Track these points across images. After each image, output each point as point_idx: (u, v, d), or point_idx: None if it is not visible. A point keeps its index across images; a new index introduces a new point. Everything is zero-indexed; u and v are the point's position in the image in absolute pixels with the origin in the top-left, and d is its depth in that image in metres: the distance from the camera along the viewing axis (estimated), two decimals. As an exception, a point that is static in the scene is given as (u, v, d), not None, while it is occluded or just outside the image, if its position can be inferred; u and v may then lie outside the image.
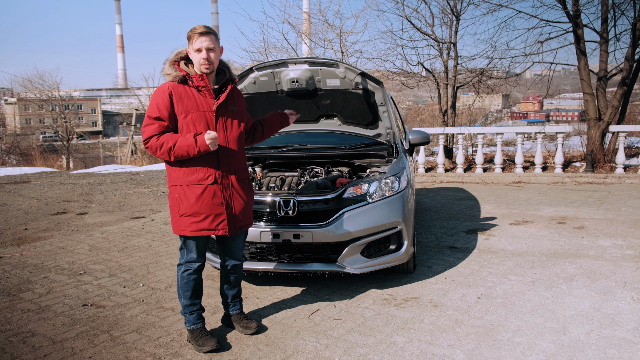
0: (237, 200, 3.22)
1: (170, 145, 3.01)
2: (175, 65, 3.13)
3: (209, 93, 3.11)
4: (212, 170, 3.11)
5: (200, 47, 3.02)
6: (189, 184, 3.11)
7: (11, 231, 6.73)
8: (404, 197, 4.18)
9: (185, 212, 3.12)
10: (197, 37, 3.02)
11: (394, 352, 3.15)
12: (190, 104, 3.08)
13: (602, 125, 10.64)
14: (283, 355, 3.16)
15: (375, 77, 4.39)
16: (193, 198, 3.10)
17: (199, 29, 3.04)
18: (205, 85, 3.09)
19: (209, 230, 3.16)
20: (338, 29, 13.01)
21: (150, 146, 3.06)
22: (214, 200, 3.12)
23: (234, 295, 3.52)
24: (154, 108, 3.06)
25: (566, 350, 3.11)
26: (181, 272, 3.29)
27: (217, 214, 3.14)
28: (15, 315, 3.86)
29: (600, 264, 4.74)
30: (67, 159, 31.71)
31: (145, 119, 3.10)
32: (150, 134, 3.05)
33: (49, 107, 45.39)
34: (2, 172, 14.38)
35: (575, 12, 10.46)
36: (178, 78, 3.11)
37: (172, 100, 3.06)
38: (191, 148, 3.00)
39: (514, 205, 7.73)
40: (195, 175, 3.10)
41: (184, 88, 3.10)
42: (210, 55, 3.04)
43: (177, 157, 3.05)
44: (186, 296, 3.29)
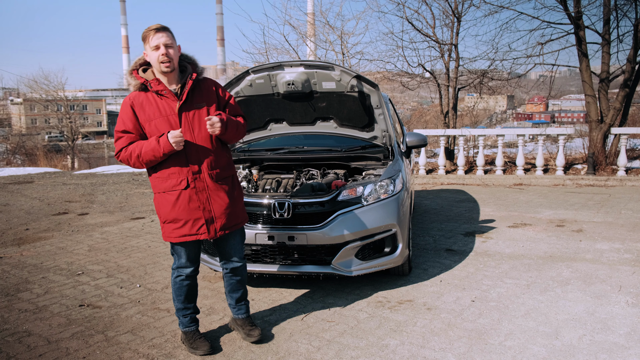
0: (217, 202, 3.12)
1: (138, 153, 2.97)
2: (134, 73, 3.07)
3: (170, 95, 3.02)
4: (184, 174, 3.04)
5: (157, 44, 2.93)
6: (165, 191, 3.08)
7: (12, 231, 6.78)
8: (399, 199, 4.19)
9: (165, 219, 3.11)
10: (153, 34, 2.94)
11: (386, 355, 3.16)
12: (152, 110, 3.02)
13: (604, 128, 10.61)
14: (275, 357, 3.18)
15: (377, 78, 4.42)
16: (169, 205, 3.07)
17: (154, 26, 2.96)
18: (164, 88, 3.00)
19: (190, 236, 3.10)
20: (339, 30, 13.05)
21: (122, 159, 3.05)
22: (190, 205, 3.06)
23: (237, 298, 3.44)
24: (120, 122, 3.05)
25: (557, 355, 3.12)
26: (174, 277, 3.29)
27: (195, 218, 3.08)
28: (12, 315, 3.90)
29: (596, 267, 4.74)
30: (71, 159, 31.88)
31: (115, 134, 3.09)
32: (119, 147, 3.04)
33: (55, 107, 45.65)
34: (6, 172, 14.47)
35: (576, 13, 10.45)
36: (138, 86, 3.05)
37: (134, 111, 3.02)
38: (155, 150, 2.94)
39: (513, 207, 7.72)
40: (168, 181, 3.06)
41: (145, 95, 3.04)
42: (169, 52, 2.95)
43: (147, 163, 3.01)
44: (179, 300, 3.30)
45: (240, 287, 3.44)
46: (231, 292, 3.44)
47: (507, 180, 10.41)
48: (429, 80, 13.53)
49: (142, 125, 3.04)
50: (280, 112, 4.88)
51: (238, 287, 3.43)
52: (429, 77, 13.35)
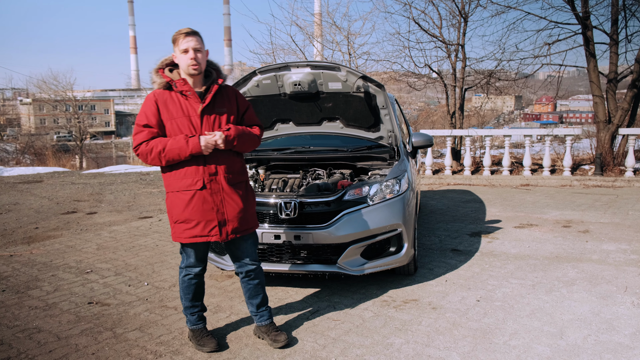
0: (230, 205, 3.14)
1: (160, 149, 3.00)
2: (160, 72, 3.13)
3: (194, 97, 3.07)
4: (200, 175, 3.07)
5: (187, 48, 3.00)
6: (179, 190, 3.10)
7: (22, 230, 6.87)
8: (404, 199, 4.21)
9: (178, 218, 3.12)
10: (182, 38, 3.00)
11: (390, 354, 3.19)
12: (175, 109, 3.07)
13: (612, 128, 10.57)
14: (280, 354, 3.21)
15: (384, 79, 4.45)
16: (183, 205, 3.09)
17: (184, 30, 3.02)
18: (189, 89, 3.05)
19: (202, 237, 3.12)
20: (346, 31, 13.07)
21: (140, 152, 3.06)
22: (204, 206, 3.07)
23: (258, 304, 3.40)
24: (142, 116, 3.08)
25: (562, 354, 3.13)
26: (182, 276, 3.31)
27: (208, 220, 3.09)
28: (22, 312, 3.96)
29: (602, 268, 4.74)
30: (80, 158, 32.15)
31: (134, 128, 3.11)
32: (140, 141, 3.05)
33: (63, 107, 46.04)
34: (15, 171, 14.62)
35: (584, 13, 10.41)
36: (163, 85, 3.10)
37: (158, 107, 3.06)
38: (182, 150, 2.99)
39: (519, 208, 7.71)
40: (183, 181, 3.08)
41: (169, 94, 3.09)
42: (197, 56, 3.02)
43: (168, 161, 3.04)
44: (187, 298, 3.34)
45: (260, 291, 3.41)
46: (251, 298, 3.41)
47: (513, 180, 10.39)
48: (436, 80, 13.53)
49: (163, 122, 3.09)
50: (287, 113, 4.92)
51: (257, 291, 3.40)
52: (436, 77, 13.34)
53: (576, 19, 10.68)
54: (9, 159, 29.62)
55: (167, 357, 3.20)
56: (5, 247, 5.97)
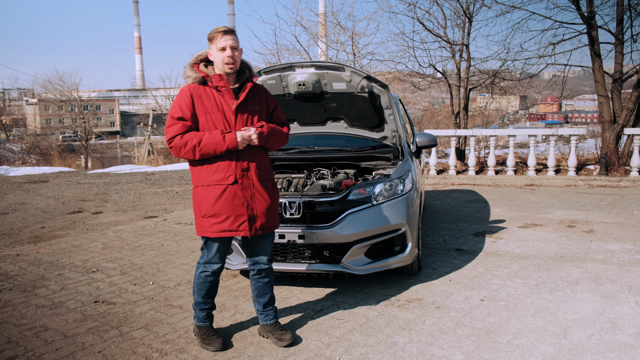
0: (259, 201, 3.19)
1: (195, 143, 3.03)
2: (195, 67, 3.18)
3: (229, 93, 3.12)
4: (232, 170, 3.11)
5: (224, 46, 3.05)
6: (209, 184, 3.12)
7: (29, 229, 6.92)
8: (408, 199, 4.23)
9: (206, 213, 3.14)
10: (220, 36, 3.05)
11: (394, 352, 3.20)
12: (210, 104, 3.11)
13: (617, 128, 10.54)
14: (285, 353, 3.23)
15: (388, 79, 4.46)
16: (213, 199, 3.11)
17: (222, 28, 3.08)
18: (224, 85, 3.11)
19: (230, 232, 3.15)
20: (350, 31, 13.08)
21: (174, 145, 3.08)
22: (234, 201, 3.11)
23: (265, 303, 3.42)
24: (176, 109, 3.11)
25: (565, 354, 3.14)
26: (199, 272, 3.32)
27: (237, 214, 3.13)
28: (29, 310, 4.00)
29: (607, 268, 4.73)
30: (85, 158, 32.30)
31: (168, 120, 3.14)
32: (174, 134, 3.08)
33: (69, 107, 46.22)
34: (22, 171, 14.70)
35: (589, 13, 10.39)
36: (198, 79, 3.15)
37: (193, 101, 3.11)
38: (219, 145, 3.03)
39: (524, 208, 7.71)
40: (215, 175, 3.11)
41: (204, 89, 3.14)
42: (234, 54, 3.07)
43: (202, 155, 3.06)
44: (200, 294, 3.35)
45: (268, 290, 3.44)
46: (259, 296, 3.43)
47: (518, 180, 10.38)
48: (440, 80, 13.52)
49: (197, 116, 3.12)
50: (291, 113, 4.94)
51: (266, 290, 3.43)
52: (440, 77, 13.34)
53: (581, 18, 10.66)
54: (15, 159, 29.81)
55: (173, 355, 3.23)
56: (12, 246, 6.02)
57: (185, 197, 9.49)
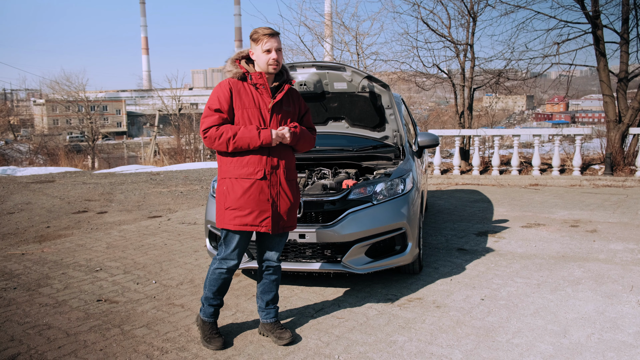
0: (284, 199, 3.23)
1: (230, 136, 3.08)
2: (236, 62, 3.24)
3: (266, 91, 3.19)
4: (263, 165, 3.15)
5: (270, 48, 3.11)
6: (237, 177, 3.16)
7: (34, 229, 6.98)
8: (409, 198, 4.24)
9: (230, 205, 3.17)
10: (266, 39, 3.11)
11: (393, 351, 3.22)
12: (248, 100, 3.18)
13: (622, 128, 10.49)
14: (285, 351, 3.25)
15: (393, 79, 4.47)
16: (240, 191, 3.14)
17: (267, 30, 3.14)
18: (263, 83, 3.17)
19: (252, 226, 3.18)
20: (354, 31, 13.09)
21: (209, 136, 3.12)
22: (260, 196, 3.15)
23: (268, 300, 3.45)
24: (214, 100, 3.16)
25: (564, 353, 3.14)
26: (214, 268, 3.33)
27: (262, 210, 3.16)
28: (33, 308, 4.04)
29: (609, 267, 4.72)
30: (92, 159, 32.50)
31: (205, 111, 3.19)
32: (209, 124, 3.12)
33: (76, 108, 46.55)
34: (28, 171, 14.82)
35: (594, 12, 10.34)
36: (238, 75, 3.21)
37: (231, 95, 3.16)
38: (254, 140, 3.08)
39: (527, 208, 7.69)
40: (245, 169, 3.15)
41: (243, 85, 3.20)
42: (279, 56, 3.15)
43: (235, 148, 3.11)
44: (211, 290, 3.36)
45: (274, 288, 3.47)
46: (263, 292, 3.46)
47: (522, 180, 10.35)
48: (444, 80, 13.49)
49: (233, 110, 3.18)
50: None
51: (271, 288, 3.45)
52: (445, 77, 13.31)
53: (586, 17, 10.62)
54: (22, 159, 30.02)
55: (173, 353, 3.26)
56: (17, 245, 6.08)
57: (189, 197, 9.54)
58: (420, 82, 13.33)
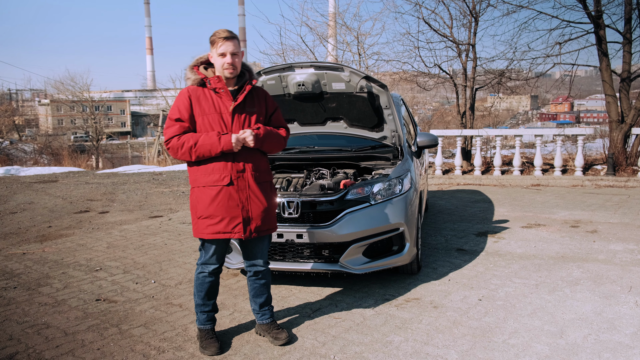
0: (255, 203, 3.19)
1: (192, 144, 3.06)
2: (194, 69, 3.22)
3: (226, 95, 3.13)
4: (228, 171, 3.12)
5: (224, 52, 3.07)
6: (205, 185, 3.14)
7: (36, 228, 7.02)
8: (406, 199, 4.24)
9: (202, 214, 3.16)
10: (221, 42, 3.07)
11: (389, 351, 3.22)
12: (208, 105, 3.14)
13: (625, 128, 10.45)
14: (281, 351, 3.26)
15: (395, 80, 4.46)
16: (208, 199, 3.13)
17: (223, 33, 3.09)
18: (222, 86, 3.12)
19: (225, 233, 3.16)
20: (356, 31, 13.09)
21: (171, 146, 3.11)
22: (229, 203, 3.12)
23: (261, 303, 3.46)
24: (174, 110, 3.15)
25: (560, 353, 3.13)
26: (197, 273, 3.34)
27: (232, 216, 3.13)
28: (32, 308, 4.07)
29: (608, 268, 4.71)
30: (96, 159, 32.59)
31: (166, 122, 3.17)
32: (171, 135, 3.12)
33: (80, 108, 46.69)
34: (32, 171, 14.89)
35: (596, 12, 10.31)
36: (197, 81, 3.18)
37: (191, 103, 3.14)
38: (214, 146, 3.05)
39: (528, 208, 7.67)
40: (211, 176, 3.13)
41: (203, 91, 3.17)
42: (234, 60, 3.09)
43: (198, 156, 3.09)
44: (200, 296, 3.36)
45: (265, 291, 3.47)
46: (255, 296, 3.47)
47: (524, 180, 10.33)
48: (446, 80, 13.46)
49: (194, 118, 3.15)
50: (292, 113, 4.97)
51: (262, 291, 3.46)
52: (447, 77, 13.29)
53: (588, 17, 10.58)
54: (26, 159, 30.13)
55: (170, 353, 3.27)
56: (19, 245, 6.12)
57: (191, 197, 9.55)
58: (422, 82, 13.31)
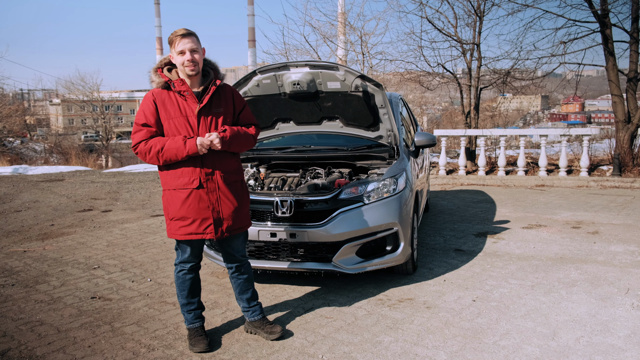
0: (225, 204, 3.20)
1: (158, 148, 3.06)
2: (158, 72, 3.18)
3: (192, 97, 3.11)
4: (197, 174, 3.12)
5: (183, 49, 3.04)
6: (175, 189, 3.15)
7: (38, 227, 7.08)
8: (401, 198, 4.22)
9: (173, 216, 3.18)
10: (179, 40, 3.05)
11: (378, 351, 3.21)
12: (173, 109, 3.12)
13: (631, 128, 10.33)
14: (269, 350, 3.26)
15: (400, 80, 4.42)
16: (179, 202, 3.14)
17: (180, 31, 3.06)
18: (187, 89, 3.10)
19: (197, 234, 3.17)
20: (359, 30, 13.05)
21: (139, 151, 3.11)
22: (200, 205, 3.13)
23: (248, 299, 3.48)
24: (140, 115, 3.13)
25: (550, 355, 3.10)
26: (177, 272, 3.36)
27: (203, 218, 3.15)
28: (28, 305, 4.10)
29: (606, 269, 4.65)
30: (105, 158, 32.82)
31: (133, 127, 3.16)
32: (138, 140, 3.11)
33: (90, 107, 47.09)
34: (39, 170, 15.03)
35: (602, 11, 10.19)
36: (161, 84, 3.15)
37: (156, 107, 3.12)
38: (180, 150, 3.04)
39: (531, 208, 7.61)
40: (180, 179, 3.13)
41: (168, 94, 3.14)
42: (194, 57, 3.06)
43: (165, 160, 3.09)
44: (183, 295, 3.37)
45: (249, 286, 3.49)
46: (241, 293, 3.48)
47: (528, 181, 10.24)
48: (450, 80, 13.38)
49: (161, 122, 3.14)
50: (287, 112, 4.97)
51: (246, 286, 3.48)
52: (451, 76, 13.21)
53: (594, 16, 10.47)
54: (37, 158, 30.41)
55: (160, 351, 3.28)
56: (21, 243, 6.17)
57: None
58: (427, 81, 13.25)
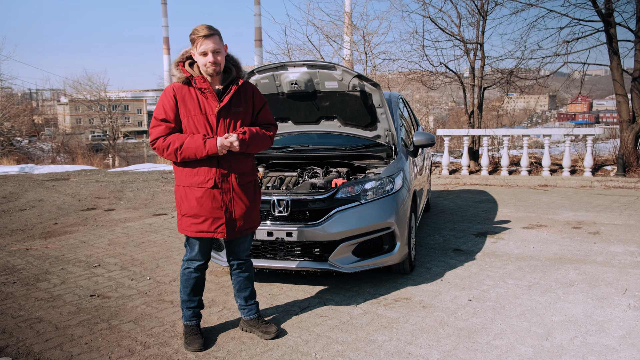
0: (238, 204, 3.20)
1: (177, 146, 3.03)
2: (180, 66, 3.13)
3: (212, 95, 3.07)
4: (213, 174, 3.10)
5: (205, 50, 2.99)
6: (190, 186, 3.14)
7: (42, 225, 7.15)
8: (398, 198, 4.23)
9: (186, 212, 3.18)
10: (201, 40, 2.99)
11: (371, 350, 3.22)
12: (193, 106, 3.10)
13: (636, 128, 10.27)
14: (264, 348, 3.28)
15: (405, 80, 4.42)
16: (193, 200, 3.14)
17: (202, 31, 2.99)
18: (207, 87, 3.06)
19: (208, 233, 3.18)
20: (362, 30, 13.05)
21: (157, 147, 3.08)
22: (213, 204, 3.13)
23: (246, 297, 3.49)
24: (160, 110, 3.10)
25: (544, 355, 3.10)
26: (183, 269, 3.37)
27: (215, 217, 3.15)
28: (28, 302, 4.15)
29: (605, 270, 4.64)
30: (112, 157, 33.02)
31: (152, 121, 3.13)
32: (157, 135, 3.08)
33: (98, 107, 47.32)
34: (45, 169, 15.15)
35: (606, 10, 10.14)
36: (182, 79, 3.10)
37: (176, 102, 3.09)
38: (199, 150, 3.02)
39: (532, 208, 7.58)
40: (196, 177, 3.12)
41: (188, 90, 3.10)
42: (217, 58, 3.02)
43: (183, 158, 3.06)
44: (185, 292, 3.39)
45: (249, 284, 3.51)
46: (239, 291, 3.50)
47: (531, 181, 10.20)
48: (453, 80, 13.33)
49: (180, 118, 3.11)
50: (285, 112, 4.99)
51: (246, 284, 3.49)
52: (454, 76, 13.17)
53: (598, 15, 10.41)
54: (44, 157, 30.65)
55: (155, 348, 3.31)
56: (23, 241, 6.23)
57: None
58: (430, 81, 13.23)
